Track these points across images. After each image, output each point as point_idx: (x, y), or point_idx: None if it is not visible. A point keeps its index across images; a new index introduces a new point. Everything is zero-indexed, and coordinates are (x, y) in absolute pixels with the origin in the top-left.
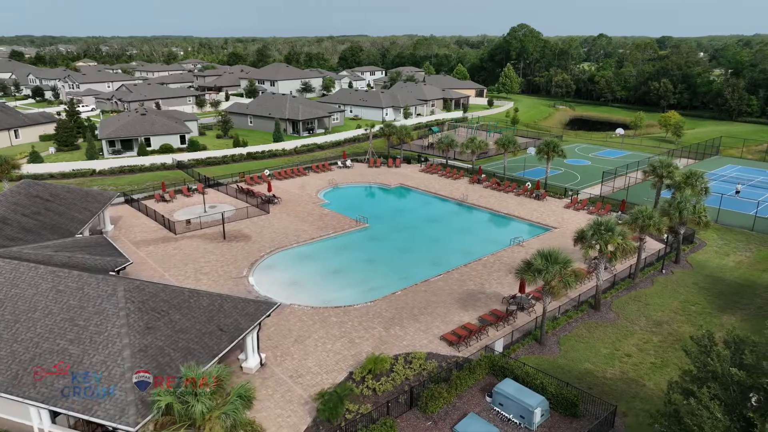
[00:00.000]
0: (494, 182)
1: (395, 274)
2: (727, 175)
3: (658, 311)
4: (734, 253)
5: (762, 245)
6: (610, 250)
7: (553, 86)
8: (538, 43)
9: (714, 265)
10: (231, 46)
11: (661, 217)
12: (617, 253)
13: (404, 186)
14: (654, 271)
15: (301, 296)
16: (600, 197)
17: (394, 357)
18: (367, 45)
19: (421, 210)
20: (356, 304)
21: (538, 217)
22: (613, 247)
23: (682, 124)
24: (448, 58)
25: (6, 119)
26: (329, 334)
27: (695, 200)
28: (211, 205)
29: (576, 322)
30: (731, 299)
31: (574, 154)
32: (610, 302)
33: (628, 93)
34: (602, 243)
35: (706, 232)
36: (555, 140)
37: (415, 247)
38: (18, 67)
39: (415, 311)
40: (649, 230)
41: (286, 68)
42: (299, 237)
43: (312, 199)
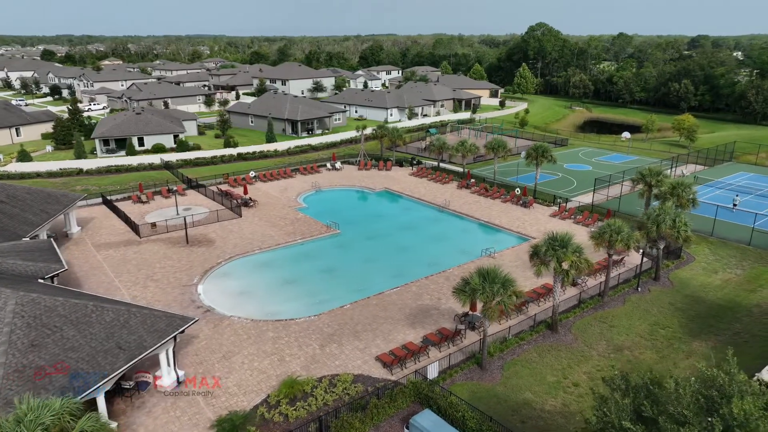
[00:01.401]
0: (482, 188)
1: (352, 285)
2: (734, 184)
3: (622, 335)
4: (724, 270)
5: (757, 262)
6: (564, 268)
7: (570, 87)
8: (557, 42)
9: (697, 284)
10: (256, 45)
11: (632, 232)
12: (570, 271)
13: (389, 190)
14: (629, 289)
15: (246, 308)
16: (590, 206)
17: (318, 379)
18: (388, 44)
19: (400, 216)
20: (298, 318)
21: (520, 226)
22: (567, 265)
23: (696, 128)
24: (466, 57)
25: (8, 117)
26: (260, 351)
27: (675, 213)
28: (186, 207)
29: (528, 344)
30: (708, 323)
31: (576, 159)
32: (571, 323)
33: (647, 94)
34: (555, 260)
35: (699, 246)
36: (545, 145)
37: (381, 256)
38: (41, 66)
39: (359, 327)
40: (616, 246)
41: (299, 67)
42: (264, 243)
43: (290, 202)
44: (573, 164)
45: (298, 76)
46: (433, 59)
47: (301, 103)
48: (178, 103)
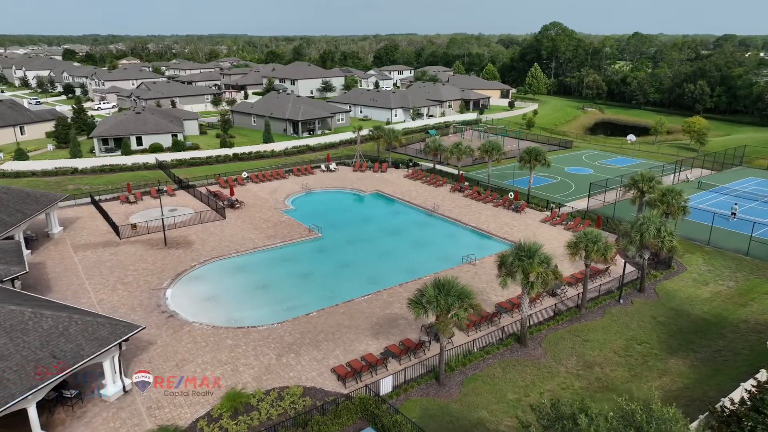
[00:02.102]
0: (475, 191)
1: (324, 291)
2: (740, 190)
3: (595, 350)
4: (715, 282)
5: (752, 273)
6: (530, 280)
7: (584, 87)
8: (571, 42)
9: (684, 296)
10: (274, 45)
11: (609, 243)
12: (536, 284)
13: (380, 193)
14: (611, 301)
15: (210, 313)
16: (584, 211)
17: (266, 391)
18: (404, 44)
19: (387, 220)
20: (261, 326)
21: (507, 232)
22: (533, 277)
23: (706, 131)
24: (480, 57)
25: (13, 116)
26: (215, 360)
27: (660, 221)
28: (172, 208)
29: (493, 358)
30: (689, 339)
31: (579, 162)
32: (543, 336)
33: (662, 96)
34: (520, 271)
35: (693, 256)
36: (538, 148)
37: (360, 261)
38: (57, 65)
39: (321, 336)
40: (593, 257)
41: (308, 67)
42: (242, 246)
43: (277, 204)
44: (574, 167)
45: (307, 75)
46: (446, 59)
47: (303, 103)
48: (186, 103)
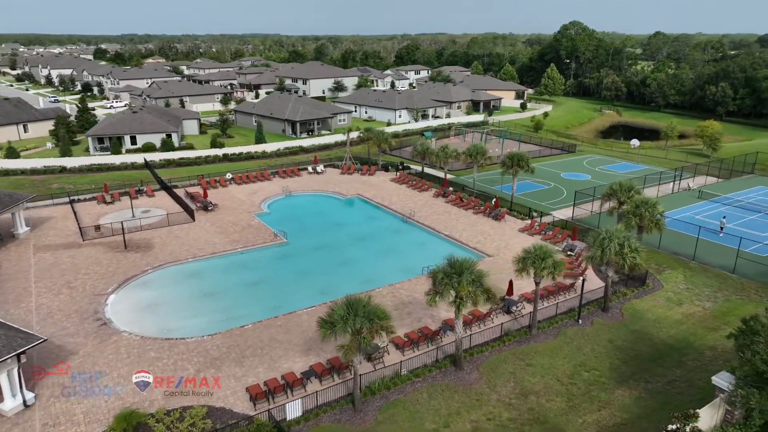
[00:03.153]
0: (458, 197)
1: (271, 301)
2: (743, 200)
3: (536, 376)
4: (691, 302)
5: (735, 294)
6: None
7: (602, 88)
8: (591, 41)
9: (652, 318)
10: (300, 44)
11: (559, 261)
12: (462, 304)
13: (361, 197)
14: (569, 321)
15: (145, 322)
16: (564, 221)
17: (167, 411)
18: (426, 44)
19: (360, 225)
20: (190, 338)
21: (480, 241)
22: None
23: (719, 136)
24: (500, 57)
25: (18, 114)
26: (130, 373)
27: (624, 236)
28: (145, 209)
29: (423, 382)
30: (644, 366)
31: (578, 167)
32: (484, 358)
33: (682, 98)
34: (448, 290)
35: (674, 272)
36: (521, 153)
37: (318, 270)
38: (80, 64)
39: (248, 351)
40: (540, 274)
41: (321, 67)
42: (202, 251)
43: (252, 207)
44: (572, 173)
45: (319, 75)
46: (466, 59)
47: (303, 104)
48: (196, 102)
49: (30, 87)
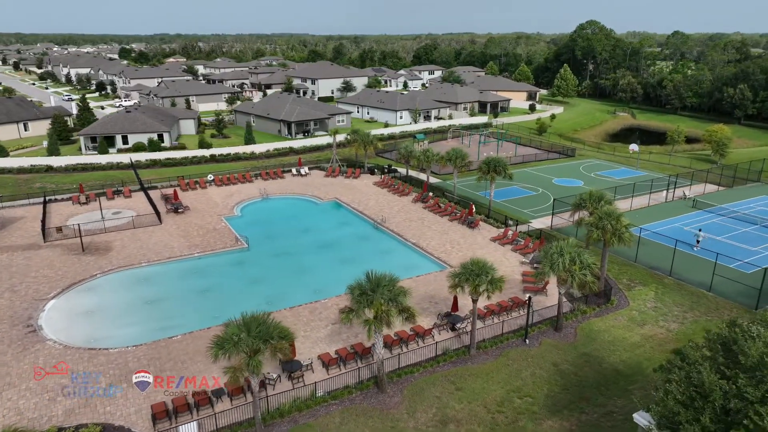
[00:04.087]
0: (435, 203)
1: (212, 311)
2: (739, 212)
3: (463, 402)
4: (655, 322)
5: (707, 314)
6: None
7: (618, 90)
8: (608, 41)
9: (608, 339)
10: (322, 44)
11: (498, 278)
12: (375, 324)
13: (338, 201)
14: (517, 340)
15: (76, 330)
16: (540, 231)
17: (60, 429)
18: (444, 43)
19: (329, 231)
20: (113, 348)
21: (446, 251)
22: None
23: (727, 141)
24: (516, 57)
25: (19, 112)
26: (41, 386)
27: (576, 252)
28: (116, 211)
29: (340, 404)
30: (585, 394)
31: (574, 173)
32: (411, 380)
33: (700, 100)
34: (362, 308)
35: (646, 288)
36: (499, 158)
37: (272, 278)
38: (98, 63)
39: (168, 365)
40: (477, 292)
41: (330, 66)
42: (158, 255)
43: (224, 210)
44: (565, 179)
45: (328, 75)
46: (483, 59)
47: (300, 104)
48: (203, 101)
49: (50, 85)
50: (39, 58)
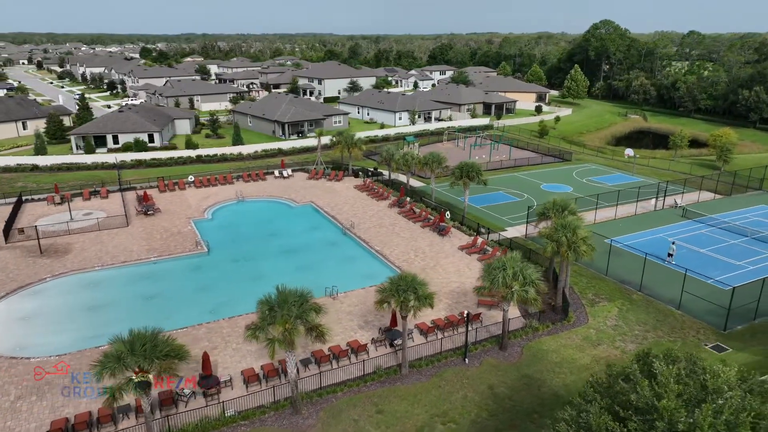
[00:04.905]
0: (410, 209)
1: (153, 319)
2: (730, 222)
3: (381, 427)
4: (611, 342)
5: (671, 334)
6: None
7: (631, 92)
8: (623, 41)
9: (555, 360)
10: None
11: (426, 293)
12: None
13: (313, 204)
14: (457, 359)
15: (7, 336)
16: (510, 240)
17: None
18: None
19: (297, 236)
20: (35, 357)
21: (408, 260)
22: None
23: (731, 146)
24: (531, 57)
25: (18, 111)
26: None
27: (520, 266)
28: (87, 212)
29: (249, 425)
30: (514, 422)
31: (565, 178)
32: (334, 400)
33: (714, 103)
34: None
35: (611, 304)
36: (472, 163)
37: (222, 285)
38: (112, 62)
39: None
40: (404, 311)
41: (338, 66)
42: (115, 258)
43: (195, 213)
44: (554, 184)
45: (334, 75)
46: (498, 59)
47: (296, 105)
48: (208, 100)
49: (67, 84)
50: (61, 58)
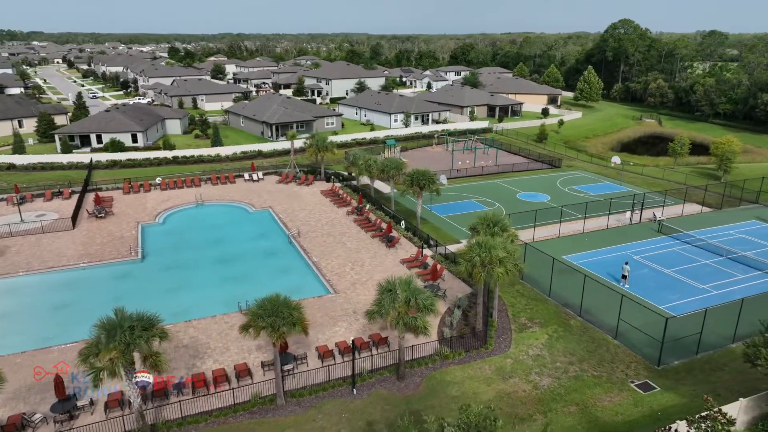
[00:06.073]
0: (366, 217)
1: (53, 330)
2: (706, 240)
3: None
4: (526, 375)
5: (596, 368)
6: None
7: (647, 94)
8: (642, 42)
9: (456, 394)
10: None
11: (298, 321)
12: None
13: (271, 210)
14: (346, 388)
15: None
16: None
17: None
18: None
19: (239, 244)
20: None
21: (341, 273)
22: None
23: (732, 155)
24: (550, 58)
25: (15, 109)
26: None
27: (412, 290)
28: (40, 213)
29: None
30: None
31: (546, 187)
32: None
33: (734, 107)
34: (92, 353)
35: (543, 329)
36: (425, 171)
37: (139, 296)
38: (130, 62)
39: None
40: (272, 337)
41: (346, 67)
42: (44, 263)
43: (147, 217)
44: (532, 193)
45: (342, 75)
46: (518, 59)
47: (287, 105)
48: (212, 100)
49: (89, 83)
50: (89, 57)
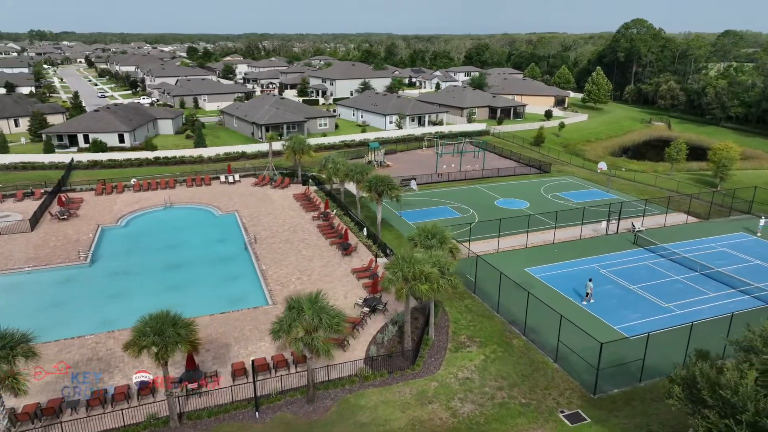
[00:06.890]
0: (329, 224)
1: None
2: (681, 254)
3: None
4: (447, 401)
5: (526, 395)
6: None
7: (658, 96)
8: (656, 42)
9: (366, 420)
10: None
11: (182, 338)
12: None
13: (236, 213)
14: (249, 411)
15: None
16: None
17: None
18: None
19: (194, 249)
20: None
21: (284, 283)
22: None
23: (729, 162)
24: (564, 58)
25: (13, 108)
26: None
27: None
28: (5, 214)
29: None
30: None
31: (527, 193)
32: None
33: (747, 110)
34: None
35: (480, 350)
36: (384, 176)
37: (73, 303)
38: (142, 62)
39: None
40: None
41: (352, 67)
42: None
43: (109, 220)
44: (510, 199)
45: (346, 76)
46: (532, 59)
47: (279, 106)
48: (214, 99)
49: (104, 82)
50: (108, 57)
